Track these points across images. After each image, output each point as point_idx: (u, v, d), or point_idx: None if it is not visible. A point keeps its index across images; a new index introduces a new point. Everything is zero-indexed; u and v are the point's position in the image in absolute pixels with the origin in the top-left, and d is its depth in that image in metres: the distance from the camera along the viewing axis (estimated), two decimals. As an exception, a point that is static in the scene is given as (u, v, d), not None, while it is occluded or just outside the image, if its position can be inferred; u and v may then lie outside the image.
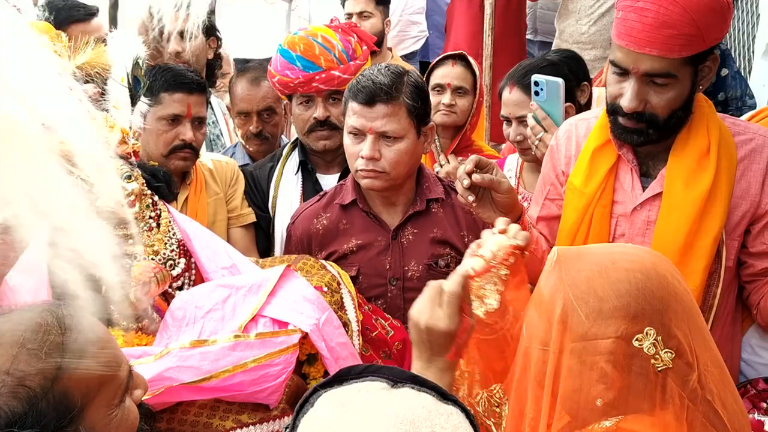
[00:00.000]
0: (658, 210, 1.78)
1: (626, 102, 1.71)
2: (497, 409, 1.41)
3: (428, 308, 1.32)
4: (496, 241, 1.42)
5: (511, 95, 2.45)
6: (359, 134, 2.01)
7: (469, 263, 1.40)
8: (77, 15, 3.05)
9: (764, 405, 1.69)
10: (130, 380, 1.19)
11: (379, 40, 3.96)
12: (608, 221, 1.85)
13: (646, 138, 1.75)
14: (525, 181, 2.60)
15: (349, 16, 3.96)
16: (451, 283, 1.34)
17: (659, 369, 1.16)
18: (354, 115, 2.01)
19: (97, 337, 1.13)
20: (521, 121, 2.41)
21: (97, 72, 1.88)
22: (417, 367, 1.33)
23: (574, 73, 2.46)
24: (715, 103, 2.01)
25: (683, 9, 1.59)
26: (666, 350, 1.17)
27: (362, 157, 2.00)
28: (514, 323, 1.47)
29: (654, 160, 1.83)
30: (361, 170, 2.03)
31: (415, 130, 2.05)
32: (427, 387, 1.00)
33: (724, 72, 2.86)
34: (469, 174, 1.72)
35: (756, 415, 1.67)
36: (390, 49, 4.17)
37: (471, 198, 1.74)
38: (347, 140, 2.06)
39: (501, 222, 1.46)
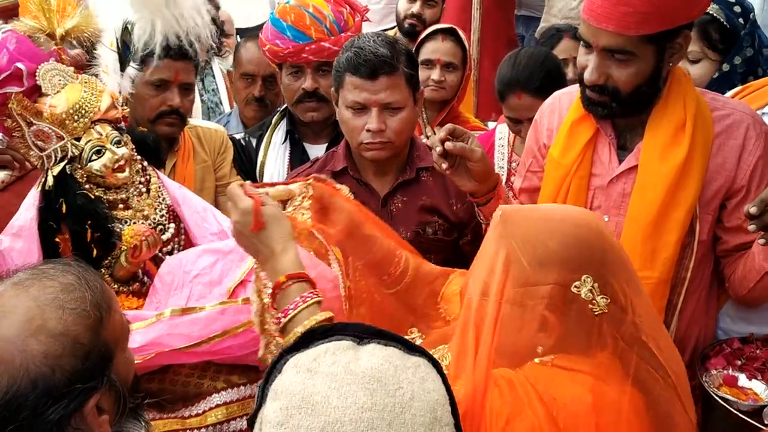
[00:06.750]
0: (633, 183, 1.80)
1: (587, 75, 1.73)
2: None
3: None
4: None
5: (522, 101, 2.43)
6: (361, 108, 1.98)
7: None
8: None
9: (738, 362, 1.75)
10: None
11: None
12: (585, 193, 1.87)
13: (609, 111, 1.77)
14: (517, 150, 2.60)
15: None
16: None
17: (596, 313, 1.23)
18: (355, 90, 1.96)
19: (107, 286, 1.17)
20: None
21: (85, 36, 1.88)
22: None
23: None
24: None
25: None
26: (602, 296, 1.24)
27: (369, 131, 1.97)
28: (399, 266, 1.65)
29: (631, 133, 1.85)
30: (367, 143, 2.00)
31: (413, 97, 2.05)
32: (393, 340, 1.01)
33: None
34: (442, 141, 1.74)
35: (731, 371, 1.73)
36: None
37: (444, 165, 1.76)
38: (347, 115, 1.99)
39: None
